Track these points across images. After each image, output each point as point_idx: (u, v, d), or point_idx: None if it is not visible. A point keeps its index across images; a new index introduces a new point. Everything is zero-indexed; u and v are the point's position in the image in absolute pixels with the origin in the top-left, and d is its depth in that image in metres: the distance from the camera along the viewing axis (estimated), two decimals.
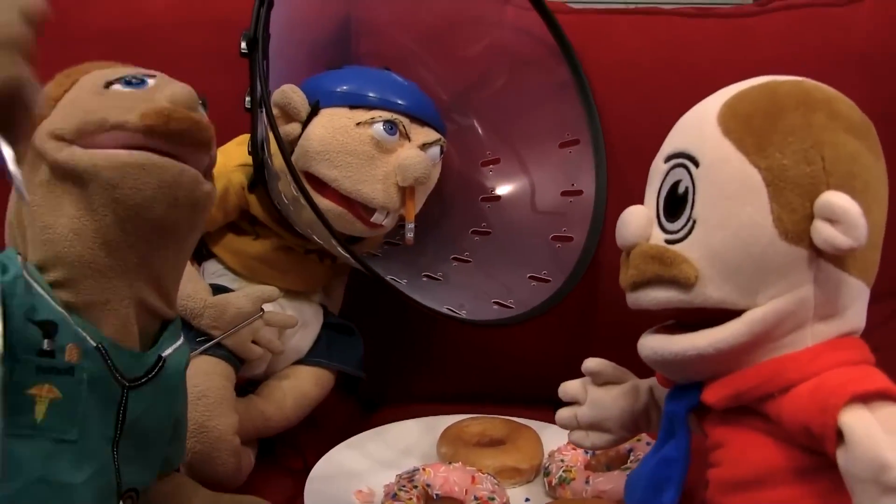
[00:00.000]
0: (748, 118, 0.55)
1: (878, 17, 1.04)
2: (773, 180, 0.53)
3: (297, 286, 0.96)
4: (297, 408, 0.93)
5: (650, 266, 0.57)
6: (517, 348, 1.05)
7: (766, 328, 0.54)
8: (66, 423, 0.57)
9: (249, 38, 0.78)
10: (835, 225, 0.52)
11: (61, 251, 0.58)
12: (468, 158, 1.09)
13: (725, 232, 0.54)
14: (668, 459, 0.60)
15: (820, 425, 0.49)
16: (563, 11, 1.09)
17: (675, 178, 0.58)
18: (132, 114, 0.58)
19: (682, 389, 0.60)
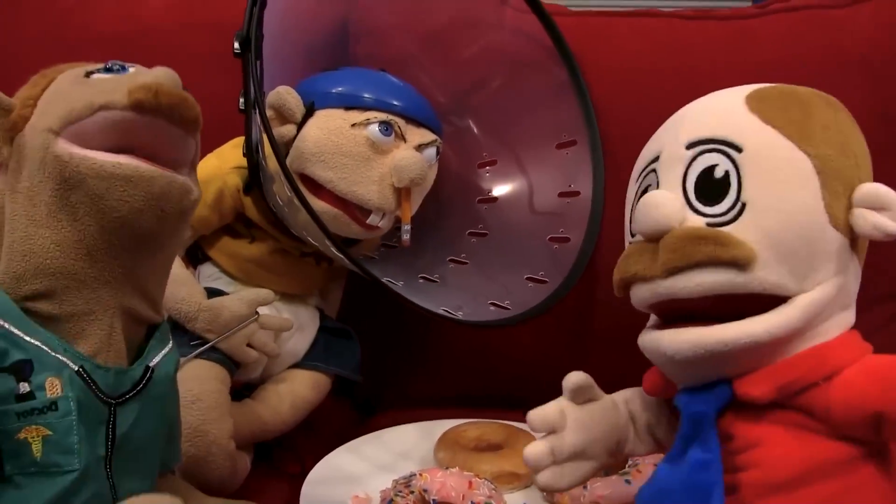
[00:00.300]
0: (784, 109, 0.57)
1: (879, 20, 1.04)
2: (823, 168, 0.55)
3: (294, 289, 0.96)
4: (294, 412, 0.93)
5: (700, 247, 0.54)
6: (514, 351, 1.05)
7: (815, 313, 0.55)
8: (64, 455, 0.56)
9: (242, 38, 0.77)
10: (882, 212, 0.54)
11: (42, 262, 0.57)
12: (465, 160, 1.09)
13: (781, 215, 0.54)
14: (704, 463, 0.56)
15: (886, 402, 0.50)
16: (561, 14, 1.09)
17: (707, 163, 0.57)
18: (118, 94, 0.57)
19: (701, 390, 0.58)
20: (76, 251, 0.57)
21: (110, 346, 0.59)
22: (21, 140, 0.59)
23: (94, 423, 0.58)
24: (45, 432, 0.55)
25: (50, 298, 0.57)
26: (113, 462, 0.60)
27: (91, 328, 0.59)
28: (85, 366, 0.57)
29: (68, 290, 0.58)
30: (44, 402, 0.55)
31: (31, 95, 0.60)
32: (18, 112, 0.59)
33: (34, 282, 0.57)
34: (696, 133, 0.58)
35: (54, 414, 0.56)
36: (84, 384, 0.57)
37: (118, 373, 0.60)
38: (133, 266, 0.61)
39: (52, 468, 0.56)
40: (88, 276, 0.58)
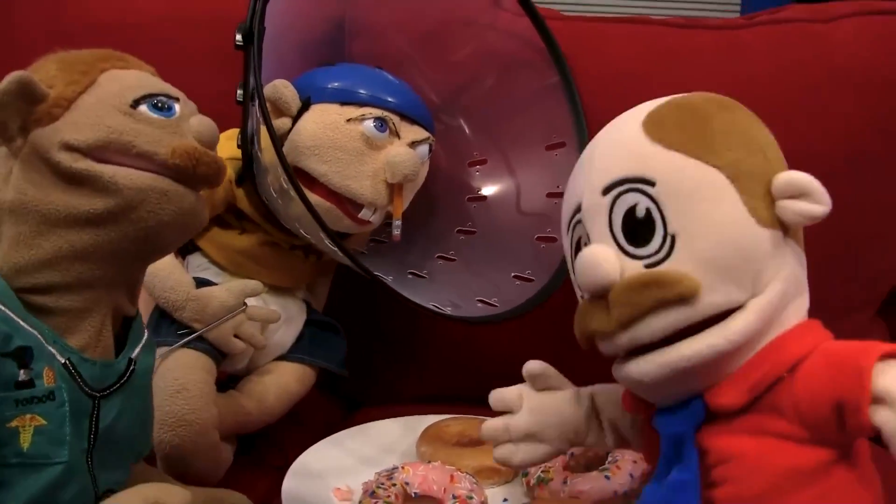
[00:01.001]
0: (682, 127, 0.57)
1: (859, 35, 1.06)
2: (735, 174, 0.55)
3: (282, 282, 0.96)
4: (279, 404, 0.93)
5: (647, 294, 0.54)
6: (499, 349, 1.05)
7: (771, 312, 0.54)
8: (53, 446, 0.56)
9: (245, 31, 0.78)
10: (803, 199, 0.54)
11: (49, 260, 0.56)
12: (455, 159, 1.10)
13: (710, 236, 0.54)
14: (682, 483, 0.56)
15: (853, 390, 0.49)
16: (554, 18, 1.10)
17: (627, 205, 0.56)
18: (162, 147, 0.58)
19: (675, 409, 0.58)
20: (90, 255, 0.57)
21: (99, 341, 0.59)
22: (40, 138, 0.56)
23: (78, 416, 0.57)
24: (40, 422, 0.55)
25: (47, 293, 0.57)
26: (94, 455, 0.59)
27: (83, 324, 0.58)
28: (72, 358, 0.57)
29: (69, 287, 0.57)
30: (43, 391, 0.55)
31: (65, 96, 0.57)
32: (48, 108, 0.57)
33: (36, 276, 0.56)
34: (608, 176, 0.58)
35: (52, 404, 0.55)
36: (70, 377, 0.57)
37: (104, 366, 0.60)
38: (134, 270, 0.62)
39: (40, 460, 0.55)
40: (93, 277, 0.58)
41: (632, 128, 0.58)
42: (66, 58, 0.60)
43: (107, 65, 0.60)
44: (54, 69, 0.58)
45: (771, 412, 0.54)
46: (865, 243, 1.05)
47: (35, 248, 0.56)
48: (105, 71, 0.60)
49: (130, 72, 0.61)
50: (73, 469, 0.57)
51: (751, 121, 0.59)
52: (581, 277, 0.57)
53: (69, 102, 0.57)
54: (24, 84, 0.55)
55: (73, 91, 0.58)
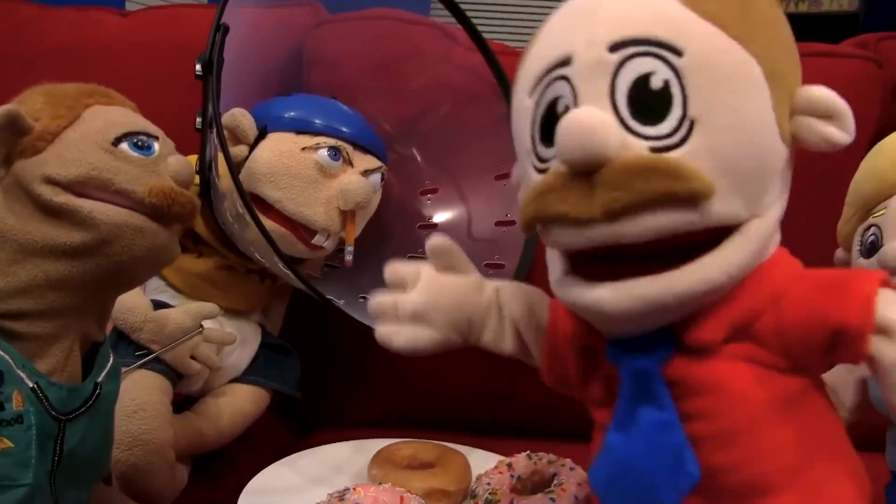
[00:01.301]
0: (722, 1, 0.47)
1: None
2: (771, 73, 0.46)
3: (237, 305, 0.98)
4: (233, 425, 0.94)
5: (653, 183, 0.44)
6: (448, 373, 1.07)
7: (767, 239, 0.48)
8: (19, 469, 0.57)
9: (204, 62, 0.80)
10: (831, 121, 0.48)
11: (24, 288, 0.58)
12: (408, 187, 1.12)
13: (737, 134, 0.46)
14: (663, 423, 0.48)
15: (857, 318, 0.45)
16: (503, 52, 1.12)
17: (640, 71, 0.46)
18: (139, 185, 0.60)
19: (641, 343, 0.49)
20: (64, 284, 0.58)
21: (66, 366, 0.61)
22: (23, 169, 0.58)
23: (44, 438, 0.59)
24: (7, 444, 0.56)
25: (19, 319, 0.58)
26: (57, 476, 0.61)
27: (52, 349, 0.60)
28: (40, 382, 0.58)
29: (41, 314, 0.59)
30: (11, 415, 0.56)
31: (49, 130, 0.59)
32: (33, 141, 0.58)
33: (9, 302, 0.58)
34: (621, 31, 0.46)
35: (20, 427, 0.56)
36: (37, 400, 0.58)
37: (71, 390, 0.61)
38: (105, 300, 0.64)
39: (5, 482, 0.56)
40: (65, 306, 0.59)
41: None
42: (52, 91, 0.62)
43: (91, 100, 0.62)
44: (40, 102, 0.60)
45: (748, 340, 0.48)
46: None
47: (11, 276, 0.58)
48: (89, 107, 0.62)
49: (114, 108, 0.63)
50: (36, 491, 0.58)
51: (784, 18, 0.50)
52: (568, 143, 0.45)
53: (53, 136, 0.59)
54: (11, 117, 0.57)
55: (58, 125, 0.59)
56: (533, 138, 0.50)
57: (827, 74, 1.06)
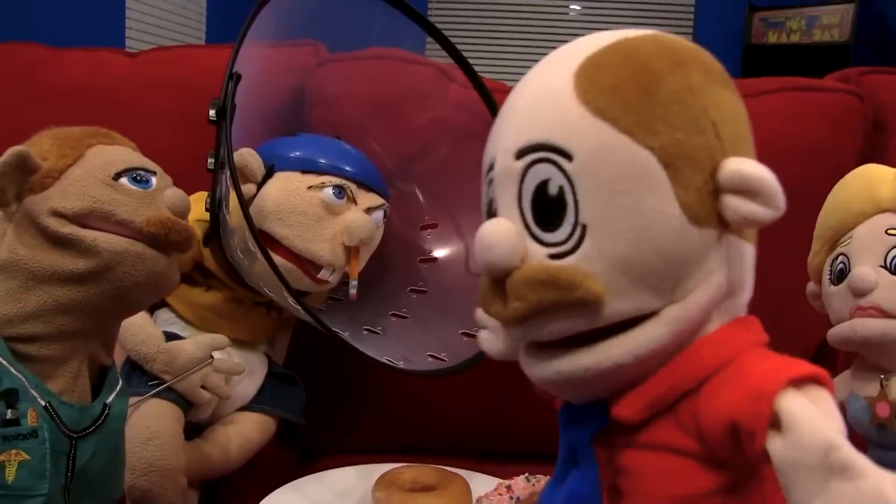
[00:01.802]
0: (618, 90, 0.45)
1: (781, 110, 1.13)
2: (670, 159, 0.45)
3: (245, 336, 1.01)
4: (241, 452, 0.96)
5: (545, 293, 0.45)
6: (448, 401, 1.11)
7: (688, 325, 0.47)
8: (35, 479, 0.61)
9: (219, 108, 0.83)
10: (753, 198, 0.45)
11: (35, 313, 0.62)
12: (408, 222, 1.15)
13: (629, 234, 0.45)
14: (581, 497, 0.51)
15: (751, 415, 0.43)
16: (500, 90, 1.15)
17: (539, 178, 0.46)
18: (138, 216, 0.64)
19: (580, 412, 0.51)
20: (70, 309, 0.63)
21: (76, 386, 0.65)
22: (32, 204, 0.63)
23: (57, 454, 0.63)
24: (24, 457, 0.60)
25: (31, 342, 0.63)
26: (71, 492, 0.64)
27: (62, 370, 0.64)
28: (52, 401, 0.63)
29: (51, 338, 0.63)
30: (27, 430, 0.61)
31: (56, 168, 0.64)
32: (41, 178, 0.63)
33: (22, 326, 0.62)
34: (526, 136, 0.47)
35: (35, 441, 0.61)
36: (50, 418, 0.62)
37: (81, 409, 0.65)
38: (109, 324, 0.68)
39: (23, 492, 0.60)
40: (73, 329, 0.64)
41: (563, 75, 0.47)
42: (59, 134, 0.67)
43: (94, 140, 0.67)
44: (48, 144, 0.65)
45: (674, 425, 0.47)
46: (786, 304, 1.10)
47: (23, 302, 0.62)
48: (92, 146, 0.67)
49: (114, 147, 0.68)
50: (52, 502, 0.62)
51: (708, 83, 0.47)
52: (478, 254, 0.48)
53: (59, 173, 0.64)
54: (21, 157, 0.62)
55: (64, 164, 0.64)
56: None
57: (810, 107, 1.12)
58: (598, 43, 0.48)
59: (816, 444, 0.41)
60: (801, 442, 0.41)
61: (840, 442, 0.40)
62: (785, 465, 0.42)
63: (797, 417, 0.42)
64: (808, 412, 0.42)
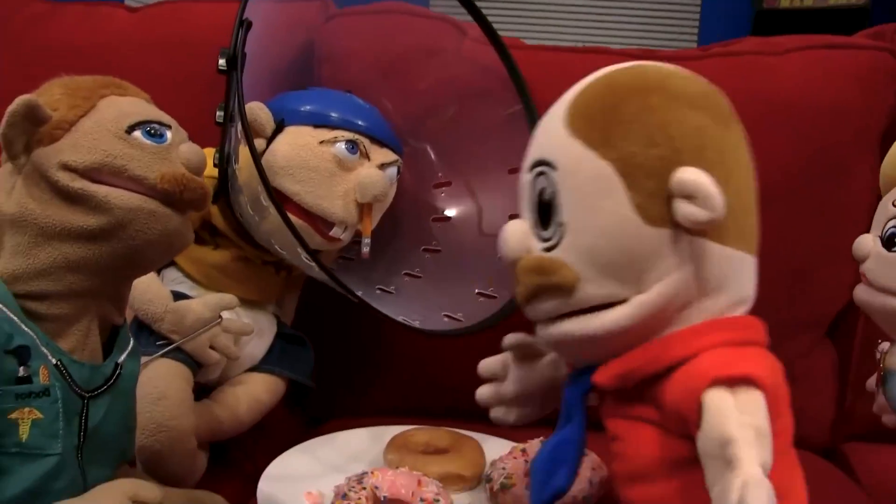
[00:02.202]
0: (589, 114, 0.56)
1: (805, 70, 1.10)
2: (626, 169, 0.54)
3: (253, 296, 0.99)
4: (250, 413, 0.95)
5: (532, 278, 0.58)
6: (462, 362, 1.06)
7: (653, 311, 0.55)
8: (48, 438, 0.60)
9: (229, 57, 0.81)
10: (692, 200, 0.52)
11: (45, 270, 0.60)
12: (421, 180, 1.13)
13: (592, 230, 0.55)
14: (564, 442, 0.61)
15: (686, 407, 0.51)
16: (516, 47, 1.13)
17: (539, 186, 0.58)
18: (152, 172, 0.62)
19: (578, 374, 0.61)
20: (81, 267, 0.61)
21: (86, 345, 0.63)
22: (42, 157, 0.60)
23: (69, 413, 0.61)
24: (37, 415, 0.59)
25: (40, 300, 0.61)
26: (84, 451, 0.63)
27: (71, 329, 0.62)
28: (63, 359, 0.61)
29: (61, 296, 0.61)
30: (40, 388, 0.59)
31: (66, 119, 0.61)
32: (50, 129, 0.61)
33: (31, 283, 0.60)
34: (532, 154, 0.60)
35: (47, 399, 0.59)
36: (61, 376, 0.61)
37: (92, 368, 0.64)
38: (121, 283, 0.66)
39: (36, 451, 0.59)
40: (83, 287, 0.62)
41: (561, 107, 0.59)
42: (69, 83, 0.64)
43: (106, 91, 0.65)
44: (58, 93, 0.63)
45: (650, 402, 0.56)
46: (811, 267, 1.09)
47: (32, 258, 0.60)
48: (104, 97, 0.64)
49: (128, 98, 0.66)
50: (65, 462, 0.61)
51: (669, 103, 0.56)
52: (499, 249, 0.61)
53: (70, 125, 0.62)
54: (30, 106, 0.59)
55: (75, 115, 0.62)
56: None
57: (837, 66, 1.09)
58: (592, 77, 0.60)
59: (716, 436, 0.48)
60: (707, 433, 0.49)
61: (736, 436, 0.47)
62: (700, 452, 0.50)
63: (710, 411, 0.49)
64: (720, 407, 0.49)
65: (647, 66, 0.60)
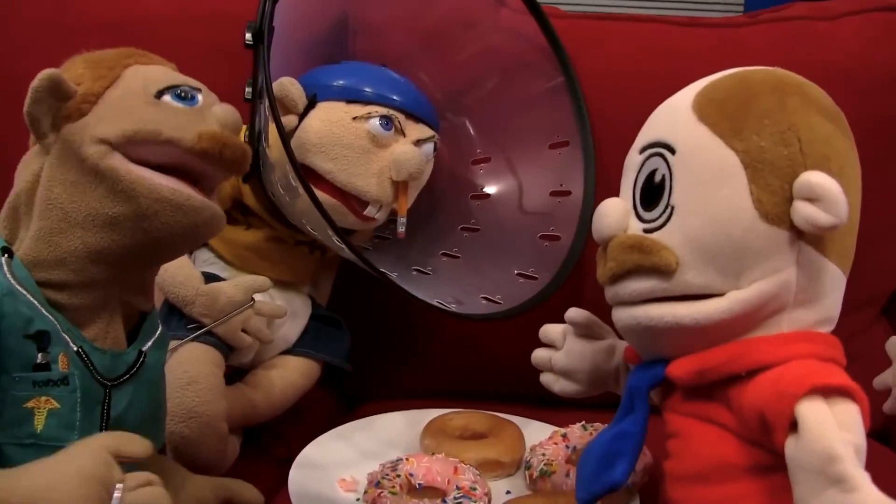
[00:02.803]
0: (722, 103, 0.56)
1: (863, 34, 1.06)
2: (752, 162, 0.54)
3: (287, 277, 0.97)
4: (284, 397, 0.94)
5: (629, 256, 0.57)
6: (500, 345, 1.06)
7: (747, 310, 0.54)
8: (65, 430, 0.58)
9: (255, 30, 0.78)
10: (815, 203, 0.52)
11: (66, 258, 0.58)
12: (459, 156, 1.11)
13: (703, 216, 0.55)
14: (624, 434, 0.60)
15: (775, 412, 0.50)
16: (555, 15, 1.11)
17: (651, 168, 0.58)
18: (187, 133, 0.59)
19: (647, 365, 0.61)
20: (103, 257, 0.59)
21: (108, 333, 0.62)
22: (71, 134, 0.59)
23: (90, 403, 0.60)
24: (54, 405, 0.57)
25: (60, 289, 0.59)
26: None
27: (92, 318, 0.61)
28: (84, 347, 0.59)
29: (82, 286, 0.59)
30: (58, 376, 0.57)
31: (92, 91, 0.60)
32: (77, 104, 0.59)
33: (52, 271, 0.58)
34: (647, 136, 0.60)
35: (65, 388, 0.58)
36: (83, 364, 0.59)
37: (114, 356, 0.62)
38: (145, 272, 0.64)
39: (52, 442, 0.57)
40: (105, 278, 0.60)
41: (688, 95, 0.59)
42: (91, 57, 0.63)
43: (130, 60, 0.63)
44: (81, 67, 0.61)
45: (723, 404, 0.55)
46: (868, 242, 1.06)
47: (54, 246, 0.58)
48: (129, 67, 0.62)
49: (153, 66, 0.64)
50: None
51: (804, 108, 0.56)
52: (593, 224, 0.61)
53: (97, 97, 0.60)
54: (54, 80, 0.57)
55: (100, 86, 0.60)
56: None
57: None
58: (725, 73, 0.60)
59: (820, 451, 0.46)
60: (807, 446, 0.47)
61: (842, 454, 0.46)
62: (792, 464, 0.48)
63: (809, 423, 0.47)
64: (822, 420, 0.47)
65: (783, 71, 0.60)
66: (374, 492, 0.76)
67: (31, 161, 0.61)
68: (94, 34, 1.15)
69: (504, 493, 0.83)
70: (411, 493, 0.77)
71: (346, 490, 0.81)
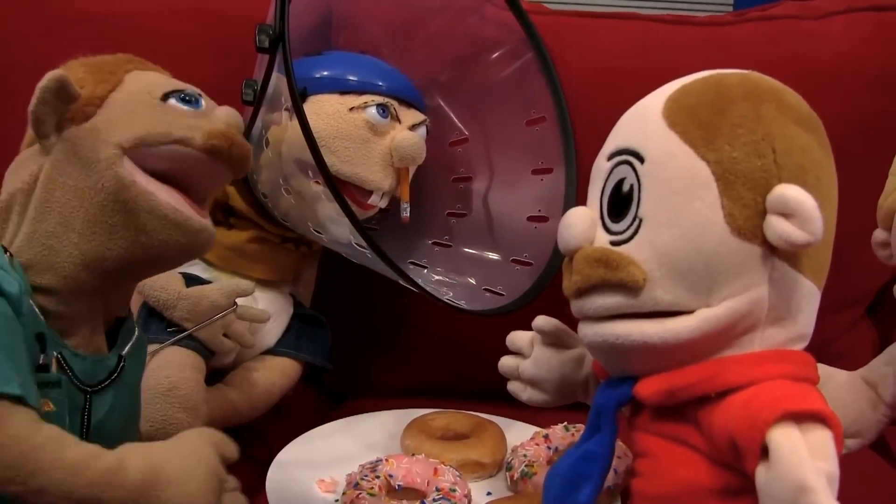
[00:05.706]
0: (694, 110, 0.53)
1: (849, 33, 1.06)
2: (724, 174, 0.51)
3: (270, 275, 0.96)
4: (265, 397, 0.93)
5: (595, 270, 0.54)
6: (483, 341, 1.04)
7: (718, 328, 0.52)
8: None
9: (275, 34, 0.78)
10: (789, 219, 0.50)
11: (58, 263, 0.58)
12: (437, 139, 1.08)
13: (674, 230, 0.52)
14: (591, 455, 0.58)
15: (746, 438, 0.47)
16: (539, 12, 1.10)
17: (619, 176, 0.55)
18: (196, 132, 0.60)
19: (614, 383, 0.58)
20: (96, 264, 0.59)
21: (91, 342, 0.61)
22: (75, 137, 0.58)
23: (72, 409, 0.59)
24: (50, 407, 0.57)
25: (48, 295, 0.58)
26: None
27: (76, 326, 0.60)
28: (63, 353, 0.59)
29: (70, 293, 0.59)
30: (54, 378, 0.57)
31: (96, 94, 0.60)
32: (81, 106, 0.59)
33: (42, 276, 0.58)
34: (615, 142, 0.57)
35: (59, 391, 0.57)
36: (63, 371, 0.58)
37: (95, 361, 0.61)
38: (131, 283, 0.65)
39: None
40: (94, 287, 0.60)
41: (659, 98, 0.56)
42: (90, 62, 0.63)
43: (130, 66, 0.64)
44: (82, 71, 0.61)
45: (692, 424, 0.53)
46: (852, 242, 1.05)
47: (48, 250, 0.58)
48: (129, 72, 0.63)
49: (152, 72, 0.65)
50: None
51: (780, 117, 0.53)
52: (558, 233, 0.57)
53: (101, 101, 0.60)
54: (61, 82, 0.57)
55: (104, 89, 0.61)
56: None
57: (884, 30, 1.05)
58: (697, 76, 0.56)
59: (792, 482, 0.44)
60: (779, 476, 0.45)
61: (815, 485, 0.44)
62: (763, 493, 0.46)
63: (782, 451, 0.45)
64: (794, 448, 0.45)
65: (758, 74, 0.56)
66: (353, 493, 0.75)
67: (29, 162, 0.60)
68: (77, 27, 1.14)
69: (485, 495, 0.83)
70: (390, 495, 0.77)
71: (325, 491, 0.80)
